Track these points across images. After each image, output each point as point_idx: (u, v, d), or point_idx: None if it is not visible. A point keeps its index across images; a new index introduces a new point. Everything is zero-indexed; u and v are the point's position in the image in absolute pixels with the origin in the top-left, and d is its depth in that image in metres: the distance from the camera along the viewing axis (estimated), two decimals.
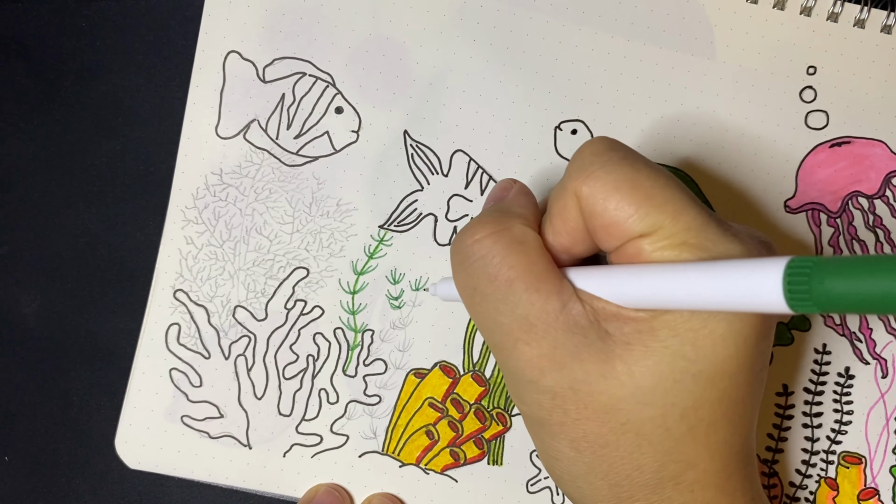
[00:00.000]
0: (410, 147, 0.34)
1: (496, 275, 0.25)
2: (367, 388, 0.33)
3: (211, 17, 0.33)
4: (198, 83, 0.33)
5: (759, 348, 0.24)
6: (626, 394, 0.23)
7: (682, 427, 0.24)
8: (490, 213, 0.26)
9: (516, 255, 0.25)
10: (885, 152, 0.34)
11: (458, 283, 0.26)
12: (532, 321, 0.24)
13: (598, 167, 0.24)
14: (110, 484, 0.35)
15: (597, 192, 0.24)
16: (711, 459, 0.24)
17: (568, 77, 0.34)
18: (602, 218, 0.24)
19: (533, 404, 0.25)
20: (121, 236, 0.35)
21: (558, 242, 0.26)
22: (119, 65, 0.36)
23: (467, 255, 0.25)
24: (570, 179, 0.24)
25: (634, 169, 0.24)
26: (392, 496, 0.33)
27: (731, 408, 0.24)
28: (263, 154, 0.33)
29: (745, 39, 0.34)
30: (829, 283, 0.18)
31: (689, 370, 0.23)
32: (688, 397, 0.23)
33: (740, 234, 0.24)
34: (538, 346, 0.24)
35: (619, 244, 0.24)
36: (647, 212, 0.23)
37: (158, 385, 0.33)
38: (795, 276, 0.18)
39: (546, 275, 0.24)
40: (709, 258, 0.22)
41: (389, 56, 0.34)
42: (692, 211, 0.23)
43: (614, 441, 0.24)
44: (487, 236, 0.25)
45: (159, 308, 0.33)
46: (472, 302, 0.26)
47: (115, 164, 0.35)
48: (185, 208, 0.33)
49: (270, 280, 0.33)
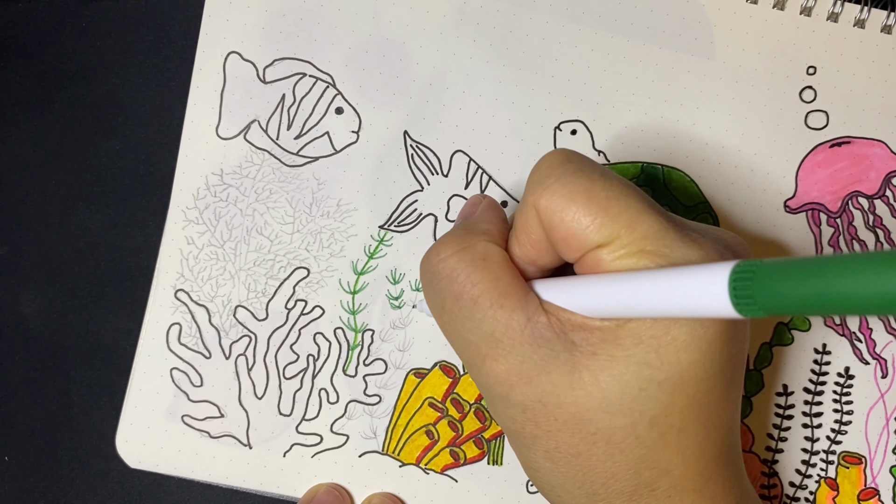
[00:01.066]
0: (410, 147, 0.34)
1: (461, 293, 0.25)
2: (367, 387, 0.33)
3: (211, 18, 0.33)
4: (198, 84, 0.33)
5: (728, 351, 0.24)
6: (594, 404, 0.23)
7: (652, 434, 0.24)
8: (455, 231, 0.27)
9: (480, 273, 0.25)
10: (885, 152, 0.34)
11: (427, 301, 0.27)
12: (498, 337, 0.24)
13: (553, 180, 0.24)
14: (110, 484, 0.35)
15: (553, 205, 0.24)
16: (686, 465, 0.24)
17: (568, 77, 0.34)
18: (560, 230, 0.24)
19: (506, 418, 0.25)
20: (121, 236, 0.35)
21: (524, 255, 0.26)
22: (119, 65, 0.36)
23: (434, 275, 0.26)
24: (529, 193, 0.25)
25: (590, 180, 0.24)
26: (392, 496, 0.33)
27: (702, 413, 0.24)
28: (264, 154, 0.34)
29: (745, 39, 0.34)
30: (771, 286, 0.17)
31: (655, 377, 0.23)
32: (655, 405, 0.23)
33: (701, 238, 0.24)
34: (505, 361, 0.24)
35: (580, 255, 0.24)
36: (603, 222, 0.23)
37: (159, 384, 0.33)
38: (740, 281, 0.18)
39: (510, 289, 0.25)
40: (668, 264, 0.22)
41: (389, 56, 0.34)
42: (648, 218, 0.23)
43: (586, 451, 0.24)
44: (451, 255, 0.25)
45: (160, 308, 0.33)
46: (441, 321, 0.26)
47: (115, 164, 0.35)
48: (185, 208, 0.33)
49: (271, 280, 0.33)
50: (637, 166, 0.34)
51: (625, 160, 0.34)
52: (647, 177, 0.34)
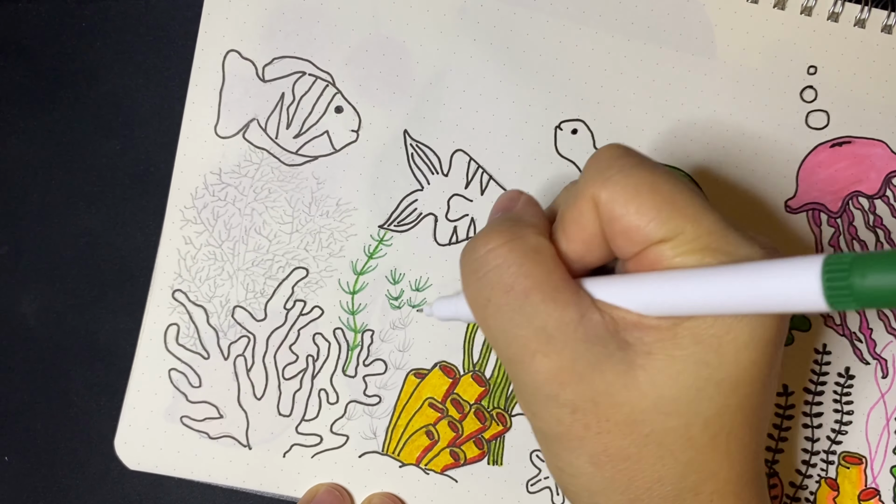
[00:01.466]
0: (410, 147, 0.34)
1: (512, 285, 0.24)
2: (366, 388, 0.33)
3: (210, 17, 0.33)
4: (197, 82, 0.33)
5: (778, 353, 0.24)
6: (649, 404, 0.23)
7: (704, 436, 0.23)
8: (502, 222, 0.26)
9: (532, 265, 0.24)
10: (886, 152, 0.34)
11: (469, 295, 0.26)
12: (550, 332, 0.23)
13: (616, 171, 0.23)
14: (110, 484, 0.35)
15: (616, 197, 0.23)
16: (731, 468, 0.24)
17: (568, 77, 0.34)
18: (622, 223, 0.23)
19: (550, 419, 0.24)
20: (121, 236, 0.35)
21: (572, 250, 0.25)
22: (119, 65, 0.36)
23: (480, 265, 0.25)
24: (588, 185, 0.24)
25: (653, 174, 0.23)
26: (392, 496, 0.33)
27: (749, 414, 0.24)
28: (263, 153, 0.33)
29: (745, 39, 0.34)
30: (871, 278, 0.18)
31: (713, 377, 0.23)
32: (711, 406, 0.23)
33: (760, 238, 0.24)
34: (558, 357, 0.23)
35: (639, 250, 0.23)
36: (669, 216, 0.23)
37: (158, 385, 0.33)
38: (834, 273, 0.18)
39: (563, 284, 0.24)
40: (732, 262, 0.22)
41: (389, 55, 0.34)
42: (712, 215, 0.23)
43: (636, 454, 0.23)
44: (502, 245, 0.24)
45: (158, 308, 0.33)
46: (484, 314, 0.25)
47: (115, 164, 0.35)
48: (183, 208, 0.33)
49: (270, 280, 0.33)
50: None
51: None
52: None
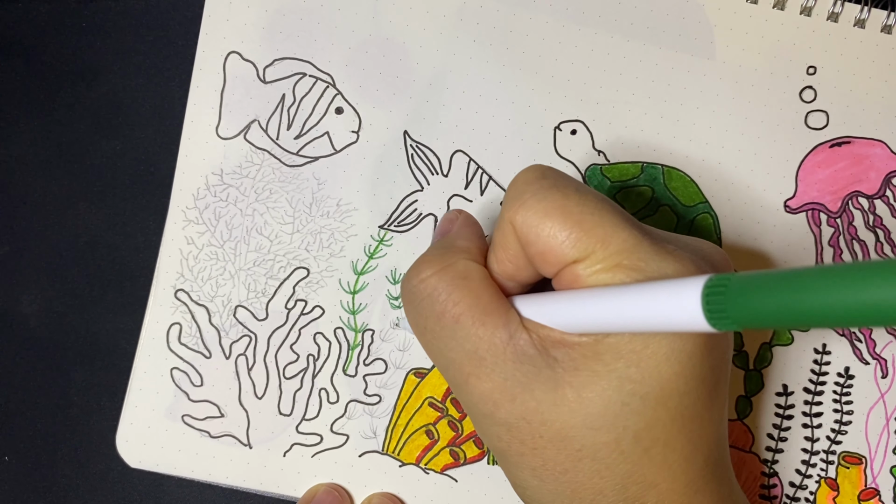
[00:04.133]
0: (410, 147, 0.34)
1: (443, 312, 0.25)
2: (367, 387, 0.33)
3: (211, 18, 0.34)
4: (198, 83, 0.33)
5: (709, 363, 0.24)
6: (578, 420, 0.23)
7: (637, 449, 0.23)
8: (434, 250, 0.27)
9: (461, 291, 0.25)
10: (885, 152, 0.34)
11: (409, 322, 0.27)
12: (481, 355, 0.24)
13: (529, 195, 0.24)
14: (110, 484, 0.35)
15: (529, 220, 0.24)
16: (673, 478, 0.24)
17: (568, 77, 0.34)
18: (536, 245, 0.24)
19: (492, 437, 0.25)
20: (121, 236, 0.35)
21: (503, 271, 0.26)
22: (119, 65, 0.36)
23: (415, 295, 0.26)
24: (506, 209, 0.25)
25: (564, 195, 0.24)
26: (392, 496, 0.33)
27: (686, 425, 0.24)
28: (264, 154, 0.34)
29: (745, 39, 0.34)
30: (743, 299, 0.17)
31: (637, 392, 0.23)
32: (639, 419, 0.23)
33: (678, 251, 0.24)
34: (489, 379, 0.24)
35: (557, 270, 0.24)
36: (578, 237, 0.23)
37: (159, 384, 0.33)
38: (713, 295, 0.18)
39: (492, 307, 0.25)
40: (643, 279, 0.23)
41: (389, 56, 0.34)
42: (623, 233, 0.23)
43: (573, 467, 0.24)
44: (432, 275, 0.25)
45: (160, 308, 0.33)
46: (423, 340, 0.26)
47: (115, 164, 0.35)
48: (185, 208, 0.33)
49: (271, 280, 0.33)
50: (637, 166, 0.34)
51: (625, 160, 0.34)
52: (647, 177, 0.34)
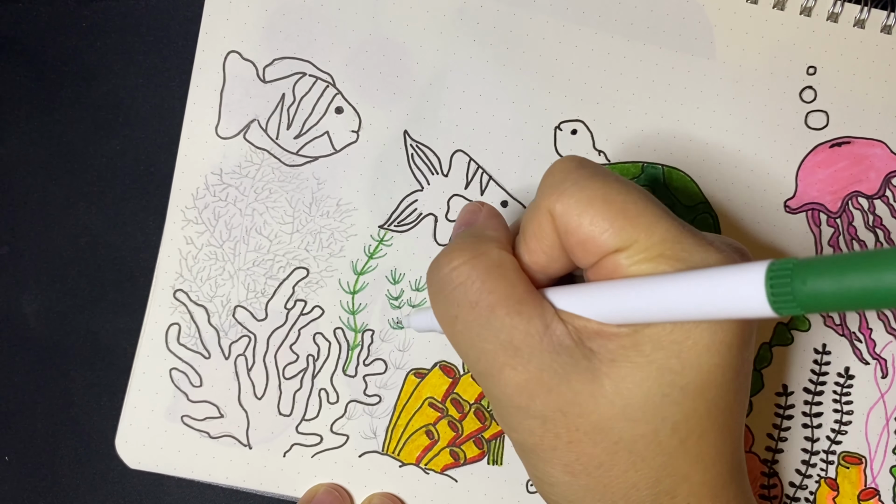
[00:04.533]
0: (410, 147, 0.34)
1: (477, 301, 0.24)
2: (367, 387, 0.33)
3: (211, 17, 0.34)
4: (198, 83, 0.33)
5: (744, 355, 0.24)
6: (616, 412, 0.23)
7: (673, 441, 0.23)
8: (464, 238, 0.26)
9: (495, 280, 0.24)
10: (885, 152, 0.34)
11: (437, 312, 0.26)
12: (517, 345, 0.24)
13: (570, 184, 0.24)
14: (110, 484, 0.35)
15: (570, 209, 0.23)
16: (705, 471, 0.24)
17: (568, 77, 0.34)
18: (577, 234, 0.24)
19: (524, 431, 0.25)
20: (121, 236, 0.35)
21: (534, 262, 0.25)
22: (119, 65, 0.36)
23: (445, 284, 0.25)
24: (544, 198, 0.24)
25: (606, 184, 0.24)
26: (392, 496, 0.33)
27: (720, 417, 0.24)
28: (263, 154, 0.34)
29: (745, 39, 0.34)
30: (812, 283, 0.18)
31: (677, 383, 0.23)
32: (677, 410, 0.23)
33: (715, 242, 0.24)
34: (525, 370, 0.24)
35: (596, 260, 0.24)
36: (622, 226, 0.23)
37: (159, 385, 0.33)
38: (777, 279, 0.18)
39: (527, 297, 0.24)
40: (686, 268, 0.22)
41: (389, 56, 0.34)
42: (665, 223, 0.23)
43: (608, 461, 0.24)
44: (465, 262, 0.25)
45: (159, 308, 0.33)
46: (453, 331, 0.26)
47: (115, 164, 0.35)
48: (185, 208, 0.33)
49: (270, 280, 0.33)
50: (637, 166, 0.34)
51: (625, 160, 0.34)
52: (647, 177, 0.34)
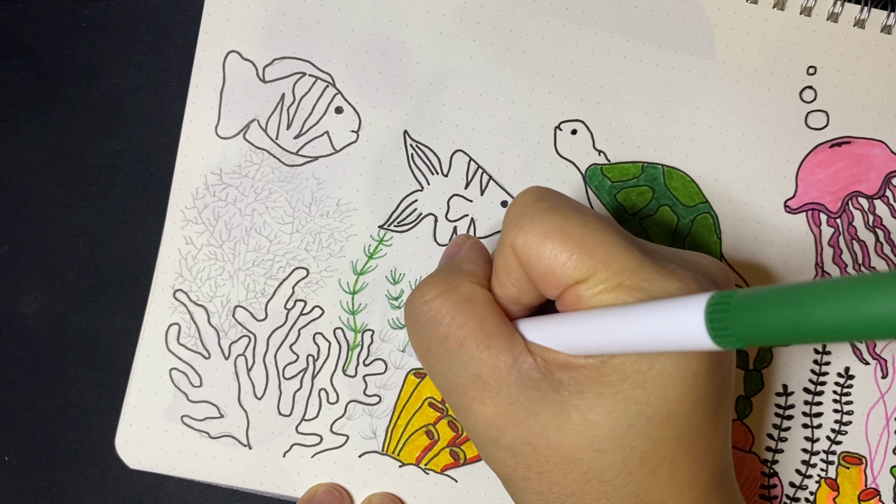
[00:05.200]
0: (410, 147, 0.34)
1: (447, 335, 0.25)
2: (367, 388, 0.33)
3: (211, 17, 0.33)
4: (198, 83, 0.33)
5: (714, 381, 0.24)
6: (584, 443, 0.23)
7: (643, 470, 0.23)
8: (440, 272, 0.27)
9: (465, 314, 0.25)
10: (885, 152, 0.34)
11: (413, 344, 0.27)
12: (485, 379, 0.24)
13: (528, 218, 0.24)
14: (110, 484, 0.35)
15: (530, 243, 0.24)
16: (680, 497, 0.24)
17: (568, 77, 0.34)
18: (538, 268, 0.24)
19: (497, 462, 0.25)
20: (121, 236, 0.35)
21: (506, 294, 0.26)
22: (119, 65, 0.36)
23: (418, 317, 0.26)
24: (506, 232, 0.25)
25: (563, 217, 0.24)
26: (392, 496, 0.33)
27: (692, 444, 0.24)
28: (263, 154, 0.33)
29: (745, 39, 0.34)
30: (747, 317, 0.17)
31: (643, 413, 0.23)
32: (645, 440, 0.23)
33: (680, 269, 0.24)
34: (493, 404, 0.24)
35: (560, 291, 0.24)
36: (580, 258, 0.23)
37: (158, 385, 0.33)
38: (716, 313, 0.18)
39: (496, 330, 0.25)
40: (646, 298, 0.22)
41: (389, 56, 0.34)
42: (624, 253, 0.23)
43: (580, 490, 0.24)
44: (436, 297, 0.25)
45: (159, 308, 0.33)
46: (427, 363, 0.26)
47: (115, 164, 0.35)
48: (184, 208, 0.33)
49: (270, 280, 0.33)
50: (638, 166, 0.34)
51: (625, 160, 0.34)
52: (647, 177, 0.34)
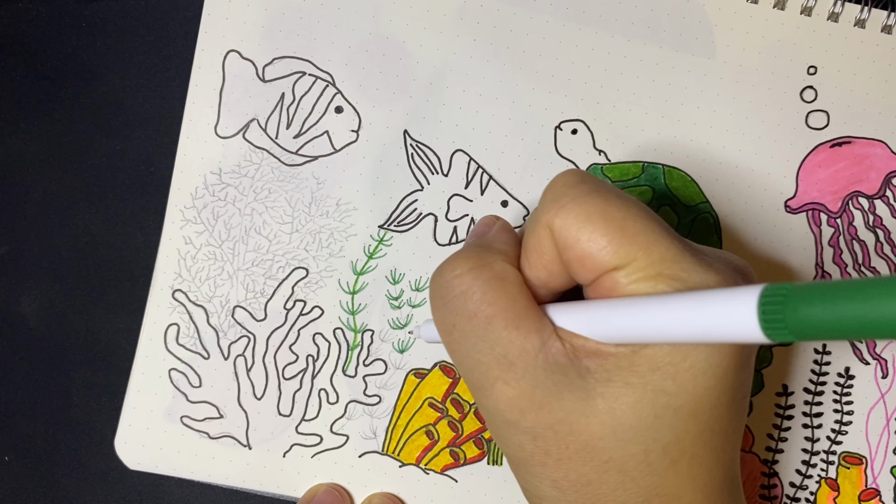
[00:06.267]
0: (410, 147, 0.34)
1: (476, 311, 0.24)
2: (366, 388, 0.33)
3: (211, 17, 0.33)
4: (197, 82, 0.33)
5: (740, 378, 0.24)
6: (608, 432, 0.23)
7: (664, 462, 0.23)
8: (471, 248, 0.26)
9: (496, 292, 0.24)
10: (886, 152, 0.34)
11: (436, 319, 0.26)
12: (511, 359, 0.24)
13: (569, 199, 0.24)
14: (110, 484, 0.35)
15: (569, 225, 0.23)
16: (695, 492, 0.24)
17: (568, 77, 0.34)
18: (575, 250, 0.23)
19: (514, 445, 0.25)
20: (121, 236, 0.35)
21: (535, 277, 0.25)
22: (119, 65, 0.36)
23: (447, 291, 0.25)
24: (543, 212, 0.24)
25: (605, 200, 0.23)
26: (392, 496, 0.33)
27: (713, 439, 0.24)
28: (263, 153, 0.33)
29: (745, 39, 0.34)
30: (804, 310, 0.17)
31: (671, 405, 0.23)
32: (669, 432, 0.23)
33: (716, 262, 0.24)
34: (518, 385, 0.24)
35: (595, 277, 0.24)
36: (620, 243, 0.23)
37: (158, 385, 0.33)
38: (770, 305, 0.18)
39: (526, 312, 0.24)
40: (685, 289, 0.22)
41: (389, 55, 0.34)
42: (665, 241, 0.23)
43: (597, 479, 0.24)
44: (468, 272, 0.25)
45: (158, 308, 0.33)
46: (450, 339, 0.25)
47: (115, 164, 0.35)
48: (183, 208, 0.33)
49: (269, 280, 0.33)
50: (638, 166, 0.34)
51: (625, 160, 0.34)
52: (647, 176, 0.34)
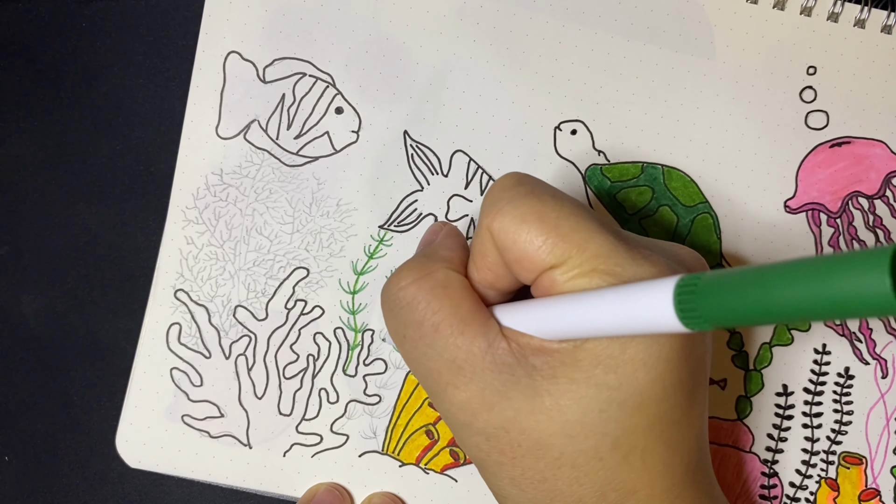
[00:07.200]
0: (410, 147, 0.34)
1: (422, 321, 0.25)
2: (367, 387, 0.33)
3: (211, 18, 0.34)
4: (198, 83, 0.33)
5: (687, 368, 0.24)
6: (556, 428, 0.23)
7: (615, 456, 0.24)
8: (415, 259, 0.27)
9: (440, 300, 0.25)
10: (886, 152, 0.34)
11: (389, 330, 0.27)
12: (459, 364, 0.24)
13: (505, 202, 0.24)
14: (110, 484, 0.35)
15: (506, 227, 0.24)
16: (653, 484, 0.24)
17: (568, 77, 0.34)
18: (514, 251, 0.24)
19: (471, 447, 0.25)
20: (121, 236, 0.35)
21: (482, 279, 0.26)
22: (119, 65, 0.36)
23: (394, 303, 0.26)
24: (483, 216, 0.25)
25: (540, 201, 0.24)
26: (392, 496, 0.33)
27: (665, 431, 0.24)
28: (264, 154, 0.34)
29: (745, 39, 0.34)
30: (715, 299, 0.17)
31: (615, 399, 0.23)
32: (617, 426, 0.23)
33: (654, 255, 0.24)
34: (467, 388, 0.24)
35: (535, 276, 0.24)
36: (555, 242, 0.23)
37: (159, 384, 0.33)
38: (684, 295, 0.18)
39: (471, 316, 0.25)
40: (619, 283, 0.23)
41: (389, 56, 0.34)
42: (599, 237, 0.23)
43: (552, 476, 0.24)
44: (412, 283, 0.25)
45: (160, 308, 0.33)
46: (403, 349, 0.26)
47: (115, 164, 0.35)
48: (185, 208, 0.33)
49: (271, 280, 0.33)
50: (637, 166, 0.34)
51: (625, 160, 0.34)
52: (647, 177, 0.34)
